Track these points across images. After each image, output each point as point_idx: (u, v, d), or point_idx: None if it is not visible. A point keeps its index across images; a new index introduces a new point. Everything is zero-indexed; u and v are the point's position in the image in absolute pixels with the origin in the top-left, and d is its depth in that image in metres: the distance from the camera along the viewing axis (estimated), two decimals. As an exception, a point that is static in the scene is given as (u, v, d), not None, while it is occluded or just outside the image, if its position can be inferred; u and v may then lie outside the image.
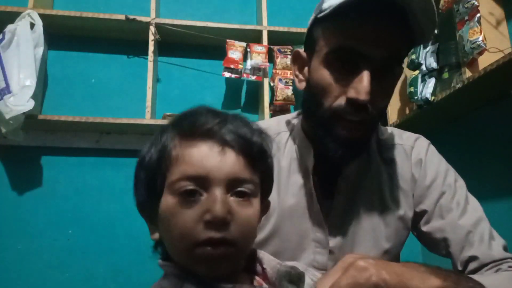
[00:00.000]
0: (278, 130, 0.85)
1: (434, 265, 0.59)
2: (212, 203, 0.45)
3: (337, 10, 0.64)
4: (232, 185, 0.47)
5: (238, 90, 2.21)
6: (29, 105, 1.65)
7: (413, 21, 0.65)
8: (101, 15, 1.92)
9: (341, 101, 0.67)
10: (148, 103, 1.90)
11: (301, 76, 0.77)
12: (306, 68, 0.75)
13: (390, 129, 0.88)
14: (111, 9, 2.04)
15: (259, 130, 0.53)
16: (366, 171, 0.80)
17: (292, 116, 0.88)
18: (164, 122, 1.86)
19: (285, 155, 0.81)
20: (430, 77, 1.67)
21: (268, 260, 0.55)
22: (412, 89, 1.73)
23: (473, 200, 0.80)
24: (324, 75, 0.69)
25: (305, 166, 0.78)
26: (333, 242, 0.77)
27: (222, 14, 2.24)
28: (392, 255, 0.81)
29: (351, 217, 0.78)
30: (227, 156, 0.47)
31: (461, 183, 0.81)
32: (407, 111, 1.94)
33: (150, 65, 1.96)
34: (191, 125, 0.48)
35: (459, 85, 1.44)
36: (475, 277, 0.65)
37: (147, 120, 1.87)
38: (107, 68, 2.08)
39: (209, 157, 0.46)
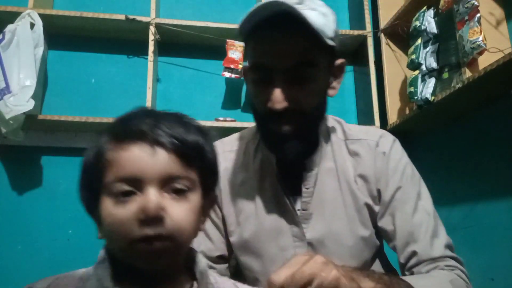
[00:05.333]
0: (249, 138, 0.92)
1: (367, 270, 0.64)
2: (144, 202, 0.47)
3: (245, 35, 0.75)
4: (165, 183, 0.49)
5: (238, 90, 2.21)
6: (29, 105, 1.65)
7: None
8: (101, 15, 1.92)
9: (266, 109, 0.75)
10: (148, 103, 1.90)
11: None
12: None
13: (356, 125, 0.94)
14: (111, 9, 2.03)
15: (197, 127, 0.53)
16: (332, 162, 0.85)
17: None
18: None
19: (255, 162, 0.88)
20: (430, 77, 1.67)
21: (222, 282, 0.58)
22: (412, 89, 1.73)
23: (426, 197, 0.83)
24: (251, 88, 0.79)
25: (273, 169, 0.84)
26: (310, 234, 0.82)
27: (222, 14, 2.23)
28: (370, 245, 0.84)
29: (324, 208, 0.83)
30: (158, 156, 0.48)
31: (417, 178, 0.85)
32: (407, 111, 1.94)
33: (150, 65, 1.96)
34: (124, 129, 0.51)
35: (459, 85, 1.44)
36: (408, 278, 0.68)
37: (147, 120, 1.86)
38: (107, 68, 2.08)
39: (140, 158, 0.48)
